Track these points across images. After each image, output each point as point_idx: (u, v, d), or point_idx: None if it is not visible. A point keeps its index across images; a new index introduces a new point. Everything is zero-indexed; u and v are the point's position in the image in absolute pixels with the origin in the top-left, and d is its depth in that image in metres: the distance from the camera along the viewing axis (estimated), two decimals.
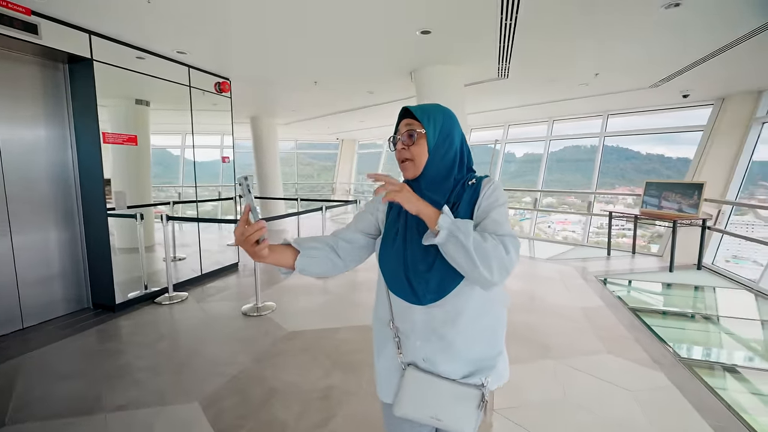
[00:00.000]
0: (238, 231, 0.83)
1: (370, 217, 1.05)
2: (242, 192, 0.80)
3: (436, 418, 0.89)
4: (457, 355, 0.91)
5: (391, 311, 0.98)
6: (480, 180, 0.95)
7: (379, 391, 1.02)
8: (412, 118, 0.93)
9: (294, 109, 7.01)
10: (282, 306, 3.61)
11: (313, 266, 0.97)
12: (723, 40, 3.31)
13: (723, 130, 5.39)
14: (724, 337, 3.26)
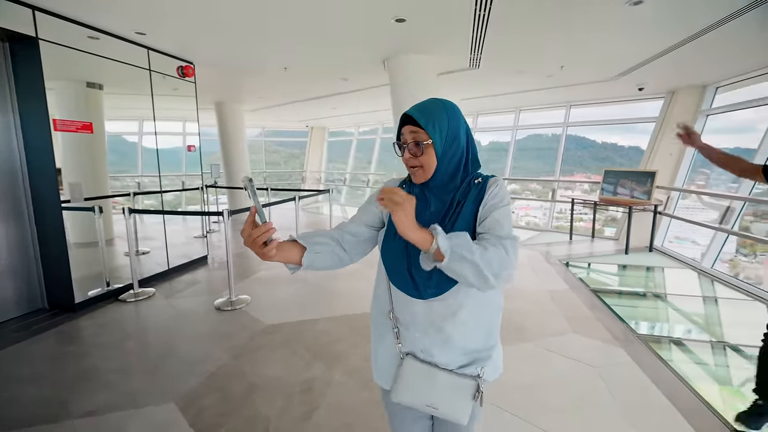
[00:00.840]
0: (245, 233, 0.82)
1: (375, 210, 1.04)
2: (249, 194, 0.80)
3: (432, 406, 0.91)
4: (455, 347, 0.93)
5: (391, 302, 0.99)
6: (486, 179, 0.95)
7: (377, 377, 1.04)
8: (414, 125, 0.90)
9: (262, 96, 6.75)
10: (257, 299, 3.54)
11: (319, 261, 0.96)
12: (675, 38, 3.53)
13: (673, 121, 5.78)
14: (672, 313, 3.58)
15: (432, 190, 0.95)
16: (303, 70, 4.85)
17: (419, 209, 0.94)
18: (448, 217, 0.92)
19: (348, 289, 3.79)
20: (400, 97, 4.28)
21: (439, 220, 0.91)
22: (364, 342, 2.72)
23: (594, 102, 6.93)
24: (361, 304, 3.42)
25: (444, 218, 0.92)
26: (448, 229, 0.86)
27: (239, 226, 7.22)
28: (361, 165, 12.03)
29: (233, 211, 3.46)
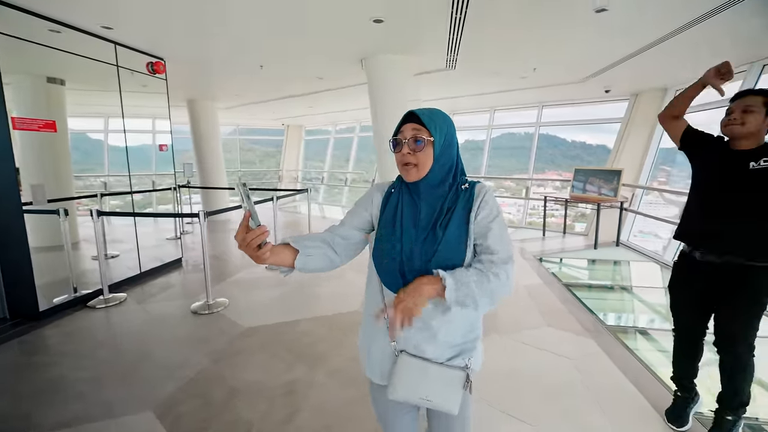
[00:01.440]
0: (238, 237, 0.84)
1: (365, 214, 1.07)
2: (241, 198, 0.81)
3: (427, 398, 0.96)
4: (443, 341, 0.98)
5: (383, 302, 1.01)
6: (473, 185, 1.00)
7: (370, 373, 1.08)
8: (418, 123, 0.94)
9: (237, 93, 6.60)
10: (235, 301, 3.48)
11: (311, 263, 0.98)
12: (638, 44, 3.73)
13: (637, 122, 6.10)
14: (637, 304, 3.79)
15: (421, 193, 0.98)
16: (279, 68, 4.78)
17: (411, 214, 0.99)
18: (439, 223, 0.95)
19: (328, 291, 3.78)
20: (378, 97, 4.29)
21: (431, 225, 0.96)
22: (345, 342, 2.73)
23: (565, 103, 7.19)
24: (342, 304, 3.42)
25: (435, 224, 0.96)
26: (441, 233, 0.93)
27: (215, 227, 7.07)
28: (339, 163, 11.97)
29: (209, 213, 3.37)
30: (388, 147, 1.02)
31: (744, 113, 1.53)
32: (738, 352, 1.63)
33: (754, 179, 1.52)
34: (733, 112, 1.58)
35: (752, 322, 1.60)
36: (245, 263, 4.75)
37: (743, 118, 1.53)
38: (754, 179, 1.52)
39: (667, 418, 1.90)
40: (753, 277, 1.56)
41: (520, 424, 1.89)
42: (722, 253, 1.62)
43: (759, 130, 1.53)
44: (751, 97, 1.54)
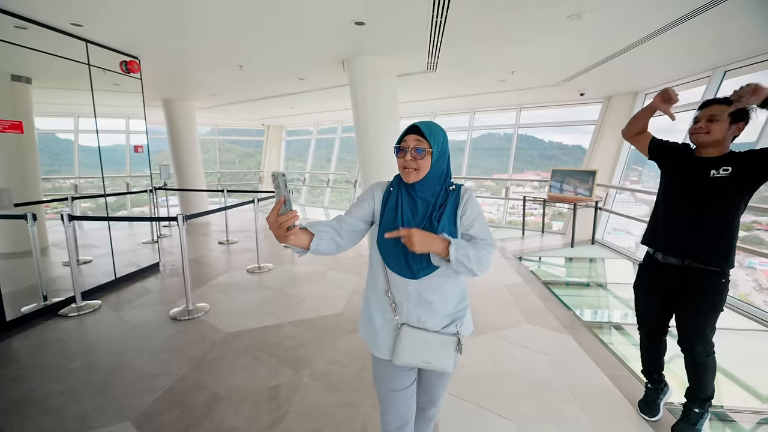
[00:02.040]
0: (271, 218, 0.97)
1: (367, 207, 1.24)
2: (279, 186, 0.94)
3: (427, 361, 1.17)
4: (438, 312, 1.20)
5: (387, 283, 1.21)
6: (459, 188, 1.21)
7: (375, 349, 1.26)
8: (420, 134, 1.12)
9: (215, 94, 6.45)
10: (216, 306, 3.41)
11: (323, 247, 1.12)
12: (610, 49, 3.87)
13: (610, 124, 6.32)
14: (611, 301, 3.94)
15: (417, 191, 1.18)
16: (259, 68, 4.71)
17: (410, 207, 1.19)
18: (434, 216, 1.16)
19: (309, 293, 3.76)
20: (360, 98, 4.29)
21: (427, 217, 1.17)
22: (329, 345, 2.72)
23: (542, 105, 7.37)
24: (324, 307, 3.41)
25: (431, 216, 1.17)
26: (436, 224, 1.15)
27: (194, 230, 6.89)
28: (320, 164, 11.89)
29: (188, 216, 3.29)
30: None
31: (709, 122, 1.58)
32: (697, 352, 1.71)
33: (713, 187, 1.58)
34: (699, 121, 1.62)
35: (709, 323, 1.68)
36: (226, 267, 4.67)
37: (708, 127, 1.58)
38: (714, 187, 1.58)
39: (640, 409, 1.99)
40: (709, 281, 1.63)
41: (502, 421, 1.94)
42: (682, 257, 1.69)
43: (723, 138, 1.59)
44: (716, 106, 1.58)
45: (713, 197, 1.60)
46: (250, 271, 4.44)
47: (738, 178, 1.55)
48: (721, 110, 1.57)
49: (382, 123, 4.30)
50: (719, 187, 1.58)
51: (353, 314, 3.25)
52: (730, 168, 1.56)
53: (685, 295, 1.71)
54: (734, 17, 2.97)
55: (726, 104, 1.56)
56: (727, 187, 1.57)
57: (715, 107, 1.59)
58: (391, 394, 1.28)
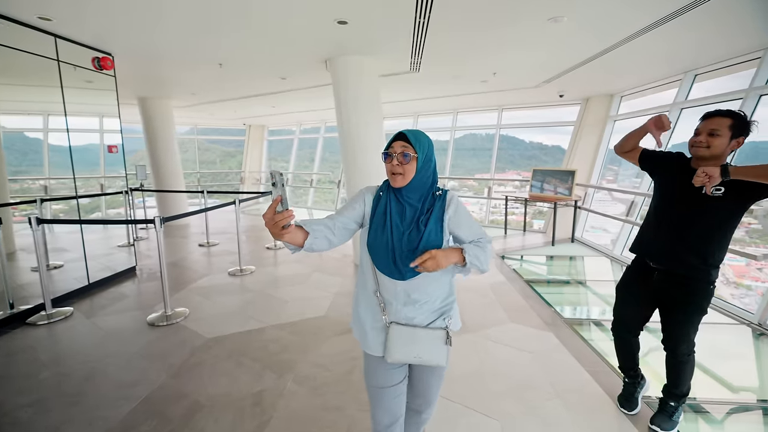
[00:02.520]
0: (267, 216, 0.99)
1: (359, 209, 1.28)
2: (276, 185, 0.96)
3: (418, 356, 1.21)
4: (425, 308, 1.24)
5: (377, 283, 1.26)
6: (445, 192, 1.26)
7: (366, 347, 1.29)
8: (406, 141, 1.18)
9: (194, 92, 6.29)
10: (196, 311, 3.32)
11: (316, 244, 1.15)
12: (588, 53, 3.97)
13: (588, 125, 6.49)
14: (591, 297, 4.04)
15: (405, 196, 1.22)
16: (240, 67, 4.61)
17: (398, 212, 1.23)
18: (421, 220, 1.21)
19: (292, 296, 3.71)
20: (343, 98, 4.26)
21: (414, 221, 1.21)
22: (313, 348, 2.69)
23: (523, 106, 7.50)
24: (308, 309, 3.37)
25: (418, 220, 1.21)
26: (423, 228, 1.19)
27: (173, 232, 6.69)
28: (303, 164, 11.76)
29: (166, 218, 3.19)
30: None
31: (710, 137, 1.56)
32: (680, 351, 1.77)
33: (705, 202, 1.59)
34: (700, 134, 1.59)
35: (694, 325, 1.73)
36: (206, 269, 4.55)
37: (709, 141, 1.56)
38: (706, 201, 1.59)
39: (620, 404, 2.04)
40: (698, 287, 1.67)
41: (487, 420, 1.96)
42: (669, 264, 1.72)
43: (723, 153, 1.57)
44: (718, 120, 1.56)
45: (704, 212, 1.61)
46: (231, 274, 4.35)
47: (730, 197, 1.55)
48: (722, 124, 1.54)
49: (366, 123, 4.28)
50: (711, 204, 1.59)
51: (338, 316, 3.22)
52: (722, 188, 1.55)
53: (673, 298, 1.74)
54: (703, 24, 3.10)
55: (728, 117, 1.55)
56: (719, 205, 1.58)
57: (716, 120, 1.56)
58: (381, 390, 1.30)
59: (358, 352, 2.59)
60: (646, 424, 1.91)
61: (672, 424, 1.85)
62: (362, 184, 4.35)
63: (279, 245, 5.64)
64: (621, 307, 1.97)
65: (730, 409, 2.12)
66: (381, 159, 1.23)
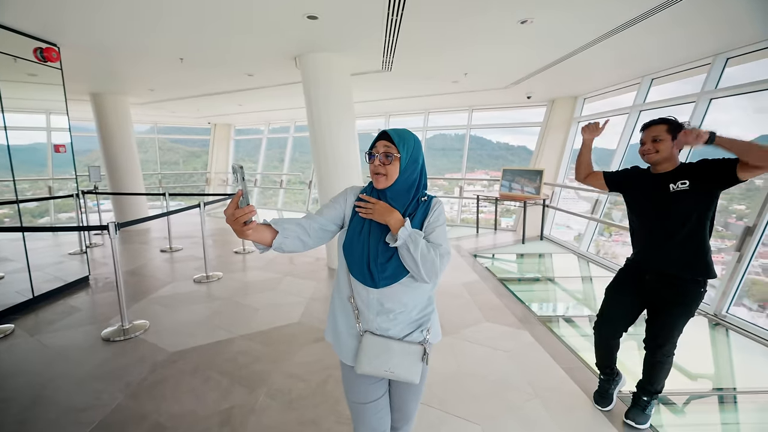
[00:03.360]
0: (228, 212, 0.95)
1: (339, 209, 1.21)
2: (237, 179, 0.93)
3: (390, 371, 1.12)
4: (400, 319, 1.16)
5: (351, 289, 1.19)
6: (430, 199, 1.20)
7: (341, 354, 1.22)
8: (389, 140, 1.12)
9: (153, 88, 5.91)
10: (158, 323, 3.10)
11: (287, 244, 1.09)
12: (555, 55, 4.08)
13: (554, 126, 6.71)
14: (561, 294, 4.14)
15: (388, 199, 1.15)
16: (203, 63, 4.37)
17: None
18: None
19: (263, 303, 3.55)
20: (314, 96, 4.13)
21: None
22: (286, 358, 2.56)
23: (492, 107, 7.64)
24: (280, 317, 3.23)
25: None
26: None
27: (131, 237, 6.27)
28: (272, 164, 11.44)
29: (122, 224, 2.95)
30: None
31: (654, 143, 1.72)
32: (662, 352, 1.82)
33: (675, 200, 1.68)
34: (645, 143, 1.76)
35: (680, 327, 1.78)
36: (169, 277, 4.28)
37: (655, 147, 1.72)
38: (676, 200, 1.68)
39: (595, 401, 2.07)
40: (690, 289, 1.73)
41: (468, 425, 1.93)
42: (662, 267, 1.77)
43: (671, 154, 1.71)
44: (655, 127, 1.73)
45: (678, 210, 1.68)
46: (196, 281, 4.11)
47: (696, 188, 1.64)
48: (660, 130, 1.71)
49: (337, 123, 4.18)
50: (681, 200, 1.67)
51: (312, 323, 3.10)
52: (687, 181, 1.66)
53: (665, 300, 1.78)
54: (661, 30, 3.24)
55: (663, 123, 1.72)
56: (688, 198, 1.66)
57: (655, 128, 1.73)
58: (360, 406, 1.23)
59: (333, 361, 2.49)
60: (620, 420, 1.95)
61: (645, 417, 1.89)
62: (334, 185, 4.24)
63: (248, 249, 5.41)
64: (610, 307, 1.98)
65: (688, 398, 2.21)
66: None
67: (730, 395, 2.28)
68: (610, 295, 1.99)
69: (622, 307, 1.93)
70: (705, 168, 1.64)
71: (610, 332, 1.98)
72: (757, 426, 2.07)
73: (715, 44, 3.61)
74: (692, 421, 2.06)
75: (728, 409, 2.17)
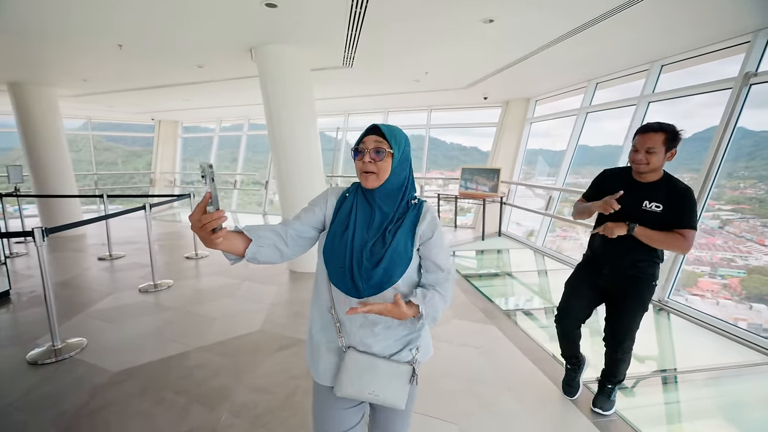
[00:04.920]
0: (194, 217, 0.82)
1: (319, 213, 1.09)
2: (206, 179, 0.80)
3: (374, 394, 1.01)
4: (385, 335, 1.05)
5: (332, 299, 1.06)
6: (421, 203, 1.09)
7: (316, 374, 1.10)
8: (380, 135, 1.01)
9: (86, 78, 5.31)
10: (98, 340, 2.76)
11: (262, 254, 0.98)
12: (512, 57, 4.22)
13: (508, 126, 6.98)
14: (520, 288, 4.29)
15: (377, 200, 1.04)
16: (146, 51, 3.98)
17: (364, 218, 1.04)
18: (388, 230, 1.02)
19: (220, 311, 3.30)
20: (272, 92, 3.92)
21: (381, 230, 1.02)
22: (250, 369, 2.38)
23: (450, 107, 7.79)
24: (240, 325, 3.02)
25: (385, 230, 1.02)
26: (390, 238, 1.01)
27: (62, 245, 5.59)
28: (223, 164, 10.85)
29: (50, 230, 2.58)
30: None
31: (648, 154, 1.67)
32: (623, 349, 1.90)
33: (643, 217, 1.72)
34: (639, 152, 1.69)
35: (637, 322, 1.86)
36: (110, 288, 3.85)
37: (648, 159, 1.67)
38: (643, 217, 1.72)
39: (563, 390, 2.13)
40: (644, 284, 1.81)
41: (445, 425, 1.89)
42: (619, 262, 1.83)
43: (660, 166, 1.71)
44: (652, 136, 1.65)
45: (643, 224, 1.71)
46: (143, 291, 3.74)
47: (666, 215, 1.69)
48: (657, 140, 1.65)
49: (298, 120, 4.00)
50: (648, 218, 1.72)
51: (275, 330, 2.93)
52: (661, 206, 1.69)
53: (622, 295, 1.85)
54: (605, 36, 3.45)
55: (661, 131, 1.65)
56: (656, 219, 1.71)
57: (652, 137, 1.66)
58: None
59: (300, 370, 2.36)
60: (588, 407, 2.01)
61: (611, 403, 1.98)
62: (295, 185, 4.07)
63: (201, 254, 5.05)
64: (570, 299, 2.03)
65: (636, 380, 2.34)
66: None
67: (672, 375, 2.47)
68: (570, 289, 2.04)
69: (583, 299, 1.98)
70: (677, 202, 1.68)
71: (572, 324, 2.02)
72: (696, 402, 2.25)
73: (653, 52, 3.92)
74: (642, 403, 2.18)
75: (670, 389, 2.34)
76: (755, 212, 3.90)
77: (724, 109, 3.33)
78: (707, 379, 2.41)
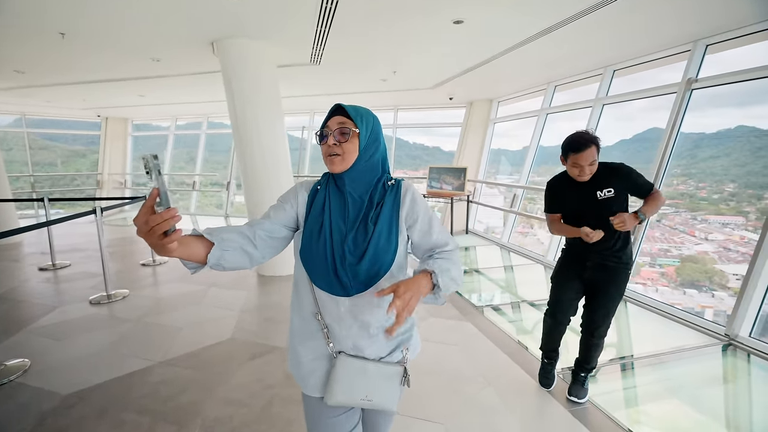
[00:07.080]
0: (140, 220, 0.68)
1: (290, 209, 1.02)
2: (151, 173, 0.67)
3: (367, 398, 0.96)
4: (377, 335, 0.99)
5: (317, 304, 0.99)
6: (399, 183, 1.02)
7: (304, 386, 1.03)
8: (344, 116, 0.94)
9: (20, 70, 4.77)
10: (43, 360, 2.48)
11: (227, 259, 0.88)
12: (476, 59, 4.32)
13: (473, 126, 7.16)
14: (488, 284, 4.41)
15: (347, 185, 0.97)
16: (92, 40, 3.63)
17: (339, 208, 0.98)
18: (370, 217, 0.96)
19: (186, 320, 3.09)
20: (236, 89, 3.74)
21: (361, 218, 0.96)
22: (222, 381, 2.25)
23: (417, 107, 7.86)
24: (208, 335, 2.84)
25: (366, 217, 0.96)
26: (372, 226, 0.94)
27: None
28: (179, 165, 10.25)
29: None
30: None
31: (591, 166, 1.77)
32: (599, 334, 2.00)
33: (603, 206, 1.84)
34: (582, 167, 1.78)
35: (614, 310, 1.97)
36: (54, 301, 3.49)
37: (590, 170, 1.79)
38: (603, 206, 1.84)
39: (541, 383, 2.20)
40: (621, 272, 1.92)
41: (431, 426, 1.88)
42: (600, 254, 1.92)
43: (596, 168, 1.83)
44: (590, 151, 1.74)
45: (608, 212, 1.83)
46: (94, 303, 3.42)
47: (619, 194, 1.84)
48: (593, 153, 1.76)
49: (264, 118, 3.84)
50: (607, 205, 1.84)
51: (246, 337, 2.78)
52: (612, 189, 1.83)
53: (603, 282, 1.95)
54: (565, 41, 3.62)
55: (593, 143, 1.75)
56: (612, 203, 1.84)
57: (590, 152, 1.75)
58: None
59: (276, 378, 2.26)
60: (563, 397, 2.09)
61: (585, 392, 2.06)
62: (262, 185, 3.91)
63: (159, 260, 4.72)
64: (558, 293, 2.09)
65: (600, 366, 2.45)
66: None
67: (629, 361, 2.64)
68: (559, 283, 2.10)
69: (572, 292, 2.06)
70: (626, 180, 1.84)
71: (564, 317, 2.10)
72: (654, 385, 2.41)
73: (607, 57, 4.17)
74: (608, 389, 2.30)
75: (628, 375, 2.51)
76: (687, 206, 4.27)
77: (669, 112, 3.61)
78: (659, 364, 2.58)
